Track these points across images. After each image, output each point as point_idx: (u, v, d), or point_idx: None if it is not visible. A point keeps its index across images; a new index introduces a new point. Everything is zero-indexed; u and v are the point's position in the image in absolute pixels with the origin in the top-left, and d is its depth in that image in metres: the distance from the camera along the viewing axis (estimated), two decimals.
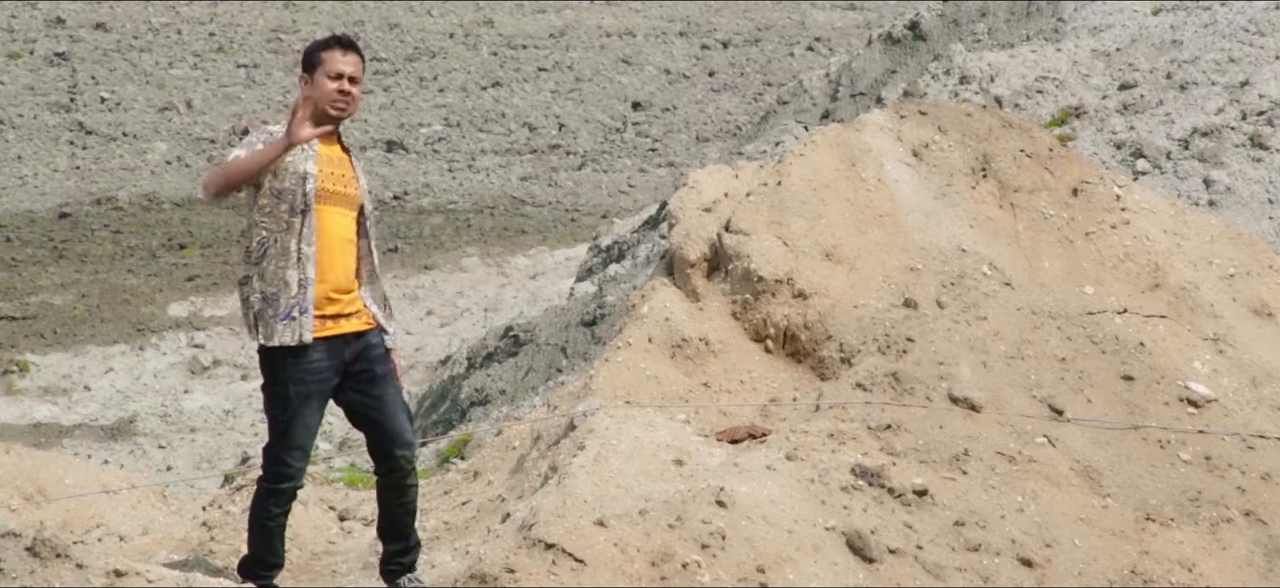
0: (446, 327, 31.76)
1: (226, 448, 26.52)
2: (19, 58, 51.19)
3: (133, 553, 11.32)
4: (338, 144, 8.81)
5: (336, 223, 8.70)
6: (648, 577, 8.90)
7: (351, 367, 8.75)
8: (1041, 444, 10.21)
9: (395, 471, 8.89)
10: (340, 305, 8.70)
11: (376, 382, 8.79)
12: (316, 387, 8.64)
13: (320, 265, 8.63)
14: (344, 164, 8.78)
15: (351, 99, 8.72)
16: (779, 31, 55.48)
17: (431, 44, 54.03)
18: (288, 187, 8.61)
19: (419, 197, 42.60)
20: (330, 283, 8.65)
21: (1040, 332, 10.97)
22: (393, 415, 8.82)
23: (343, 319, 8.72)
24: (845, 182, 11.55)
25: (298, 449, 8.66)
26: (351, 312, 8.73)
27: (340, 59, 8.70)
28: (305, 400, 8.62)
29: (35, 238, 38.65)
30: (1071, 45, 20.91)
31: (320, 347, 8.63)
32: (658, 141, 46.89)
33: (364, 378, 8.77)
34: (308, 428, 8.66)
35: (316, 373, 8.63)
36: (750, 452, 9.91)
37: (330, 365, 8.67)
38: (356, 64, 8.80)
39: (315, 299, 8.61)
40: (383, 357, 8.84)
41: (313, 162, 8.65)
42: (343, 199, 8.72)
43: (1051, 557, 9.53)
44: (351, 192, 8.78)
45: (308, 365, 8.61)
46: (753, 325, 11.08)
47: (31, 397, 28.99)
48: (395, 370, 8.93)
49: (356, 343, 8.75)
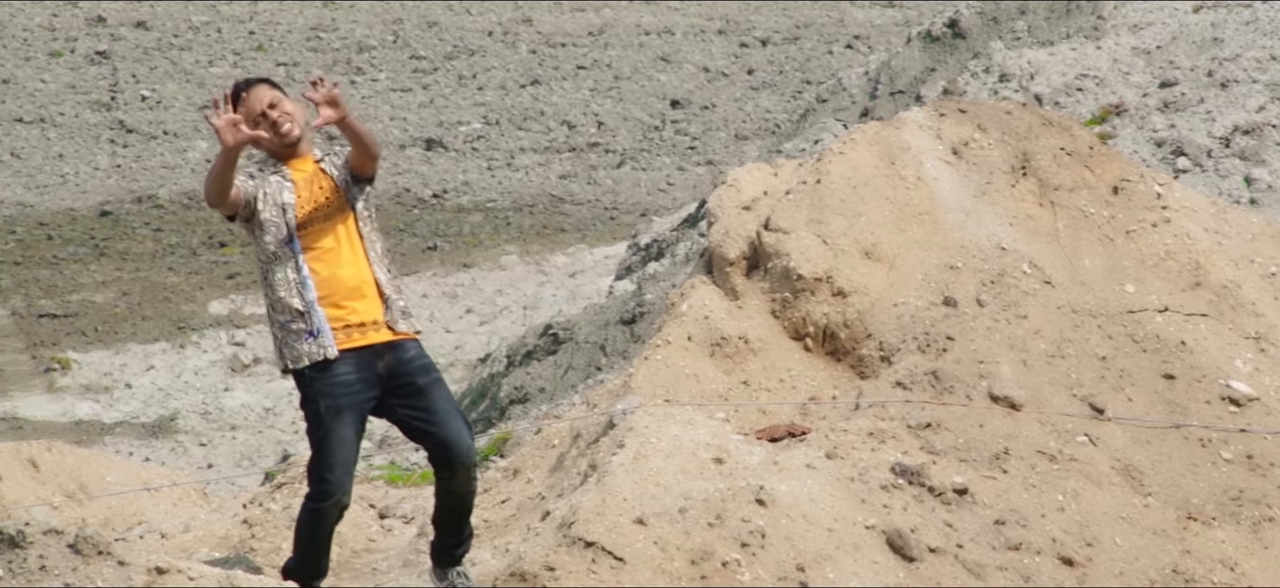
0: (486, 325, 31.79)
1: (267, 446, 26.60)
2: (60, 56, 51.40)
3: (174, 550, 11.37)
4: (309, 159, 8.82)
5: (329, 234, 8.69)
6: (687, 575, 8.90)
7: (391, 382, 8.69)
8: (1082, 443, 10.19)
9: (456, 478, 8.83)
10: (359, 313, 8.66)
11: (421, 393, 8.72)
12: (346, 400, 8.59)
13: (321, 282, 8.63)
14: (319, 177, 8.78)
15: (282, 118, 8.75)
16: (818, 29, 55.40)
17: (470, 42, 54.08)
18: (271, 218, 8.69)
19: (458, 195, 42.65)
20: (339, 293, 8.64)
21: (1081, 330, 10.94)
22: (445, 424, 8.74)
23: (370, 329, 8.68)
24: (884, 180, 11.53)
25: (336, 465, 8.59)
26: (372, 321, 8.69)
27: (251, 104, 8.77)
28: (336, 415, 8.58)
29: (76, 236, 38.79)
30: (1112, 43, 20.84)
31: (348, 360, 8.61)
32: (697, 140, 46.86)
33: (406, 391, 8.71)
34: (343, 441, 8.59)
35: (345, 386, 8.59)
36: (790, 450, 9.90)
37: (360, 378, 8.62)
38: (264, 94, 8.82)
39: (327, 315, 8.61)
40: (424, 367, 8.76)
41: (289, 191, 8.71)
42: (327, 210, 8.72)
43: (1092, 556, 9.51)
44: (333, 197, 8.75)
45: (335, 379, 8.58)
46: (792, 324, 11.07)
47: (73, 394, 29.11)
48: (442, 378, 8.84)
49: (390, 355, 8.69)
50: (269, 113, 8.75)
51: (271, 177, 8.76)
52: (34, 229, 39.38)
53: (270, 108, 8.76)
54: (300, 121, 8.80)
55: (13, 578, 7.75)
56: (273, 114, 8.75)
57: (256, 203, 8.72)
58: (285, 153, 8.78)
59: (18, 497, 12.52)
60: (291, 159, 8.79)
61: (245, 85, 8.84)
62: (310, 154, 8.84)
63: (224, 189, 8.64)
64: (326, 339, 8.60)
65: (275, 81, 8.97)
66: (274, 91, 8.83)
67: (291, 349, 8.65)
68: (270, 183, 8.74)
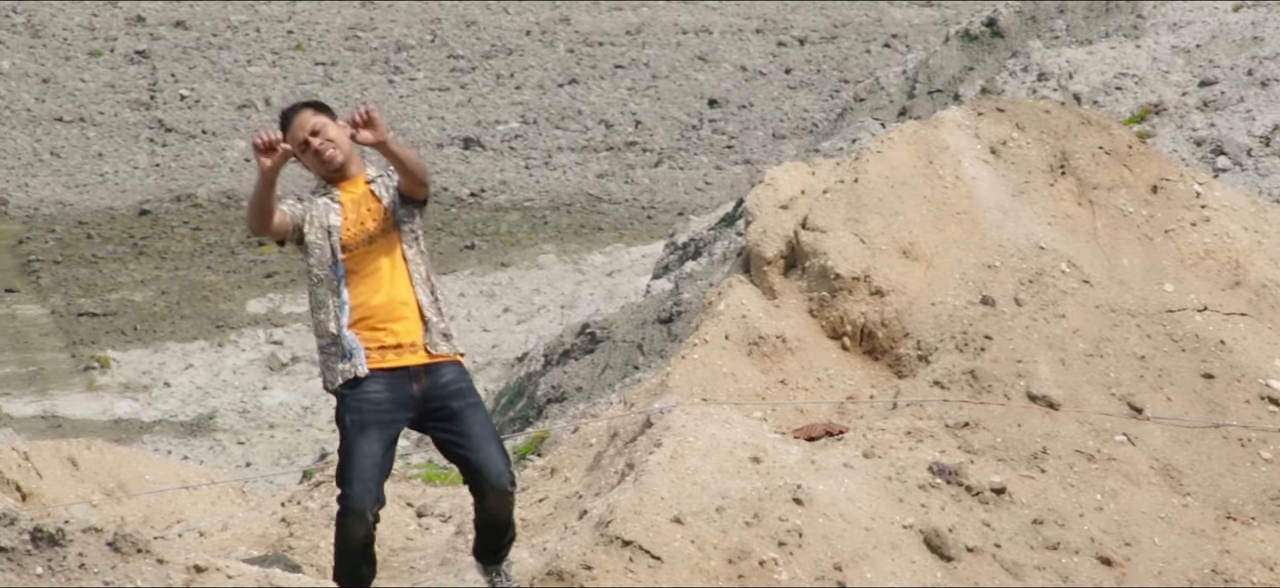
0: (523, 324, 31.83)
1: (305, 444, 26.67)
2: (100, 56, 51.57)
3: (212, 549, 11.40)
4: (361, 180, 8.81)
5: (373, 257, 8.68)
6: (725, 574, 8.90)
7: (426, 404, 8.66)
8: (1121, 442, 10.16)
9: (488, 500, 8.76)
10: (396, 335, 8.65)
11: (454, 417, 8.68)
12: (373, 417, 8.57)
13: (359, 305, 8.63)
14: (367, 199, 8.76)
15: (325, 146, 8.73)
16: (856, 28, 55.33)
17: (508, 41, 54.12)
18: (316, 241, 8.69)
19: (496, 194, 42.70)
20: (377, 316, 8.62)
21: (1119, 329, 10.91)
22: (479, 449, 8.68)
23: (406, 351, 8.67)
24: (922, 179, 11.51)
25: (357, 479, 8.54)
26: (409, 342, 8.69)
27: (296, 131, 8.74)
28: (361, 430, 8.56)
29: (116, 235, 38.93)
30: (1151, 42, 20.79)
31: (379, 379, 8.60)
32: (734, 139, 46.85)
33: (441, 415, 8.68)
34: (366, 456, 8.55)
35: (373, 403, 8.58)
36: (827, 449, 9.90)
37: (391, 398, 8.60)
38: (309, 120, 8.78)
39: (364, 336, 8.62)
40: (460, 391, 8.70)
41: (336, 213, 8.71)
42: (373, 233, 8.71)
43: (1131, 556, 9.49)
44: (381, 221, 8.73)
45: (363, 395, 8.57)
46: (830, 323, 11.05)
47: (112, 393, 29.22)
48: (479, 402, 8.80)
49: (426, 378, 8.65)
50: (311, 140, 8.75)
51: (320, 199, 8.78)
52: (73, 228, 39.54)
53: (313, 135, 8.75)
54: (344, 147, 8.77)
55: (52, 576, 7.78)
56: (314, 142, 8.74)
57: (304, 226, 8.74)
58: (334, 176, 8.79)
59: (57, 495, 12.57)
60: (342, 182, 8.80)
61: (292, 111, 8.85)
62: (362, 175, 8.84)
63: (264, 214, 8.64)
64: (359, 359, 8.60)
65: (323, 105, 8.94)
66: (319, 117, 8.81)
67: (330, 370, 8.69)
68: (318, 205, 8.75)
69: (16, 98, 48.16)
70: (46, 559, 7.83)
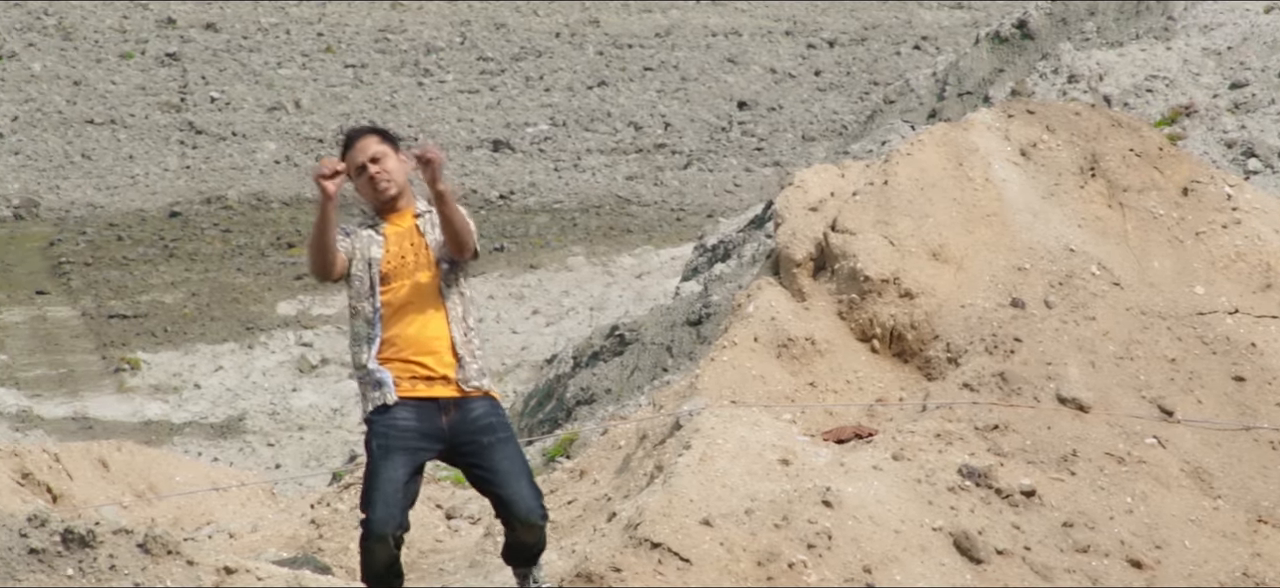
0: (552, 326, 31.84)
1: (334, 446, 26.71)
2: (130, 58, 51.71)
3: (242, 550, 11.43)
4: (408, 214, 8.81)
5: (409, 291, 8.68)
6: (754, 577, 8.89)
7: (455, 438, 8.65)
8: (1151, 445, 10.14)
9: (516, 532, 8.75)
10: (427, 367, 8.64)
11: (484, 452, 8.66)
12: (398, 442, 8.56)
13: (392, 337, 8.63)
14: (412, 234, 8.76)
15: (380, 176, 8.73)
16: (886, 30, 55.29)
17: (538, 43, 54.16)
18: (357, 272, 8.71)
19: (525, 196, 42.73)
20: (409, 349, 8.62)
21: (1150, 332, 10.89)
22: (508, 484, 8.66)
23: (437, 383, 8.66)
24: (952, 181, 11.50)
25: (380, 502, 8.51)
26: (440, 375, 8.68)
27: (356, 154, 8.76)
28: (386, 454, 8.56)
29: (146, 237, 39.04)
30: (1181, 44, 20.74)
31: (408, 407, 8.59)
32: (763, 141, 46.84)
33: (470, 450, 8.67)
34: (388, 481, 8.54)
35: (400, 430, 8.57)
36: (856, 452, 9.89)
37: (418, 428, 8.59)
38: (372, 145, 8.78)
39: (393, 369, 8.61)
40: (489, 426, 8.69)
41: (378, 246, 8.71)
42: (412, 267, 8.71)
43: (1161, 559, 9.46)
44: (422, 256, 8.73)
45: (390, 421, 8.56)
46: (859, 325, 11.05)
47: (142, 395, 29.30)
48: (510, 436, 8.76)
49: (455, 412, 8.64)
50: (370, 167, 8.75)
51: (363, 231, 8.78)
52: (104, 230, 39.66)
53: (372, 162, 8.76)
54: (399, 180, 8.76)
55: (83, 577, 7.80)
56: (372, 169, 8.74)
57: (351, 260, 8.74)
58: (383, 208, 8.79)
59: (88, 496, 12.61)
60: (389, 214, 8.80)
61: (357, 133, 8.86)
62: (411, 209, 8.85)
63: (327, 251, 8.64)
64: (388, 387, 8.60)
65: (388, 133, 8.94)
66: (381, 146, 8.81)
67: (364, 400, 8.71)
68: (361, 237, 8.76)
69: (48, 100, 48.32)
70: (77, 561, 7.85)
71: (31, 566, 7.75)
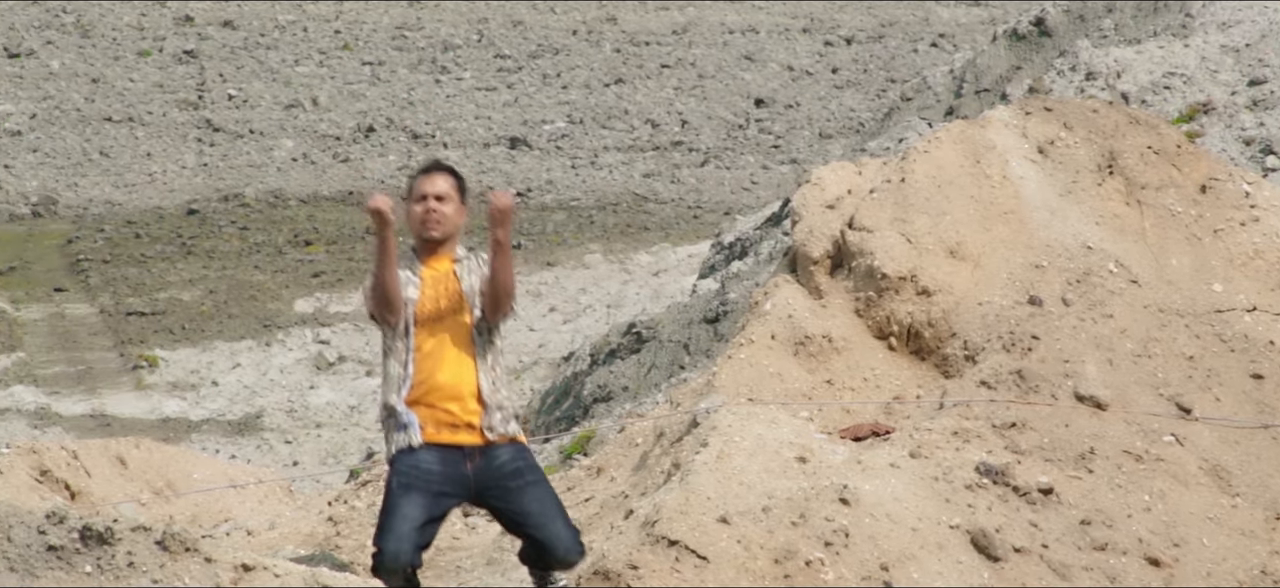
0: (569, 323, 31.87)
1: (352, 444, 26.74)
2: (148, 55, 51.80)
3: (260, 547, 11.44)
4: (447, 259, 8.78)
5: (442, 335, 8.64)
6: (771, 574, 8.89)
7: (481, 484, 8.57)
8: (1169, 443, 10.12)
9: (551, 572, 8.66)
10: (453, 414, 8.60)
11: (512, 496, 8.58)
12: (420, 481, 8.49)
13: (421, 381, 8.59)
14: (448, 279, 8.72)
15: (434, 215, 8.69)
16: (903, 28, 55.28)
17: (555, 41, 54.20)
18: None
19: (542, 193, 42.76)
20: (436, 394, 8.57)
21: (1167, 330, 10.87)
22: (543, 527, 8.57)
23: (462, 430, 8.61)
24: (969, 179, 11.49)
25: (392, 537, 8.43)
26: (465, 423, 8.63)
27: (425, 182, 8.74)
28: (405, 491, 8.50)
29: (164, 234, 39.11)
30: (1199, 41, 20.71)
31: (433, 451, 8.53)
32: (781, 138, 46.84)
33: (499, 496, 8.59)
34: (405, 518, 8.46)
35: (423, 471, 8.51)
36: (874, 449, 9.88)
37: (443, 472, 8.53)
38: (441, 183, 8.76)
39: (419, 413, 8.58)
40: (516, 471, 8.61)
41: (414, 287, 8.66)
42: (448, 310, 8.66)
43: (1179, 557, 9.45)
44: (456, 302, 8.68)
45: (413, 460, 8.51)
46: (876, 323, 11.04)
47: (160, 392, 29.35)
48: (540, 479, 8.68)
49: (480, 460, 8.58)
50: (430, 202, 8.72)
51: (401, 272, 8.75)
52: (122, 227, 39.74)
53: (436, 198, 8.73)
54: (450, 227, 8.73)
55: (101, 574, 7.81)
56: (430, 203, 8.71)
57: None
58: (425, 247, 8.78)
59: (106, 493, 12.63)
60: (428, 257, 8.78)
61: (435, 166, 8.84)
62: (450, 254, 8.80)
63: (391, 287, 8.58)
64: (413, 430, 8.55)
65: (460, 177, 8.90)
66: (450, 188, 8.76)
67: (388, 442, 8.69)
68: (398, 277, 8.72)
69: (66, 97, 48.41)
70: (95, 558, 7.86)
71: (50, 562, 7.77)
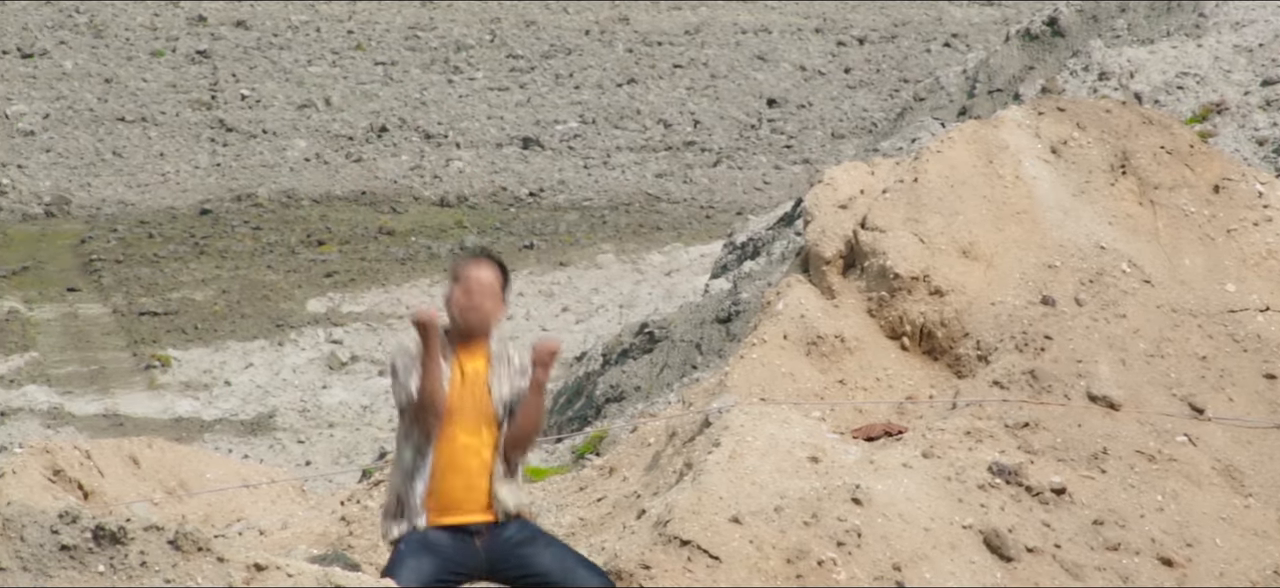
0: (582, 323, 31.87)
1: (364, 443, 26.75)
2: (161, 56, 51.86)
3: (272, 547, 11.44)
4: (481, 357, 8.68)
5: (462, 441, 8.55)
6: (783, 574, 8.88)
7: (492, 557, 8.50)
8: (1182, 443, 10.11)
9: None
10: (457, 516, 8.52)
11: (527, 560, 8.51)
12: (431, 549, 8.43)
13: (435, 483, 8.51)
14: (479, 379, 8.62)
15: (475, 309, 8.59)
16: (916, 28, 55.26)
17: (567, 41, 54.21)
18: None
19: (554, 193, 42.76)
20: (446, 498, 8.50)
21: (1180, 330, 10.86)
22: (568, 577, 8.49)
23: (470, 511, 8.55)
24: (982, 178, 11.48)
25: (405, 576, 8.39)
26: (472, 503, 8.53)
27: (471, 269, 8.64)
28: (416, 552, 8.42)
29: (177, 234, 39.15)
30: (1213, 41, 20.69)
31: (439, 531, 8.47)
32: (793, 138, 46.83)
33: (511, 563, 8.51)
34: (413, 570, 8.39)
35: (432, 543, 8.44)
36: (886, 449, 9.88)
37: (453, 545, 8.47)
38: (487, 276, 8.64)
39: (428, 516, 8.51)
40: (526, 539, 8.55)
41: (445, 379, 8.56)
42: (473, 415, 8.57)
43: (1192, 557, 9.44)
44: (484, 406, 8.60)
45: (421, 537, 8.46)
46: (889, 322, 11.03)
47: (173, 391, 29.37)
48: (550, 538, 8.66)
49: (488, 535, 8.52)
50: (472, 293, 8.60)
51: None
52: (135, 227, 39.78)
53: (479, 290, 8.59)
54: (487, 323, 8.62)
55: (114, 574, 7.81)
56: (473, 295, 8.59)
57: None
58: (459, 333, 8.69)
59: (119, 493, 12.62)
60: (463, 344, 8.66)
61: (483, 258, 8.73)
62: (485, 348, 8.69)
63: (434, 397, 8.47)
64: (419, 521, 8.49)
65: (506, 270, 8.78)
66: (494, 280, 8.65)
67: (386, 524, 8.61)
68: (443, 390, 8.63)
69: (79, 97, 48.47)
70: (108, 557, 7.86)
71: (63, 562, 7.77)
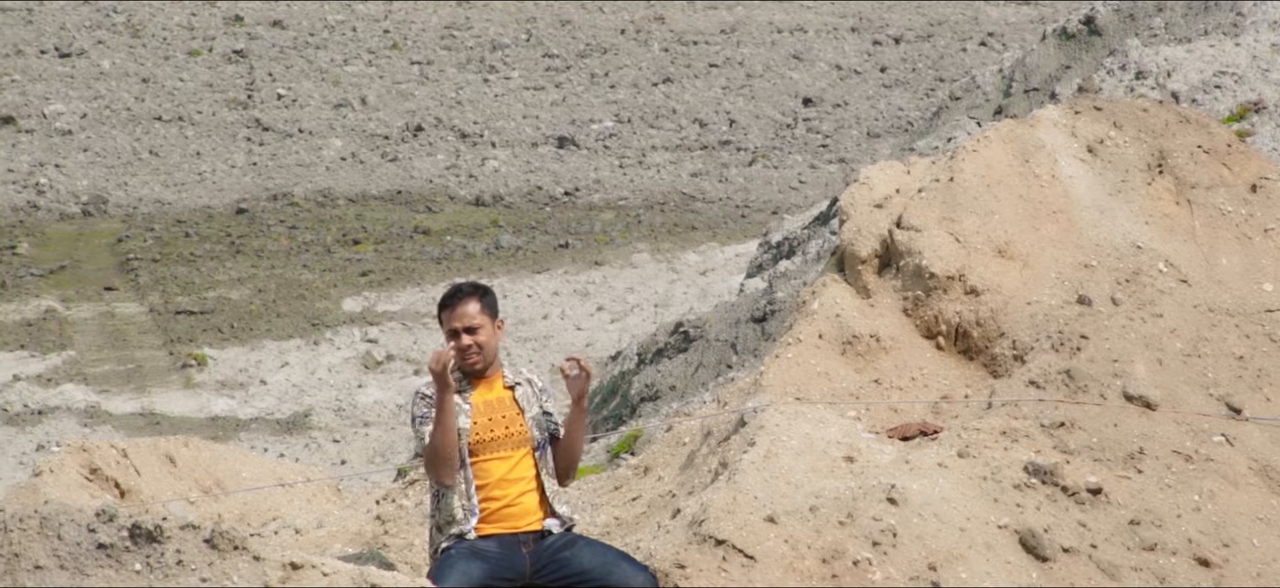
0: (617, 322, 31.87)
1: (399, 442, 26.78)
2: (198, 55, 52.00)
3: (308, 546, 11.47)
4: (498, 384, 8.75)
5: (500, 468, 8.63)
6: (818, 574, 8.87)
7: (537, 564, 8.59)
8: (1218, 443, 10.08)
9: None
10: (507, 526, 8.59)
11: (567, 562, 8.60)
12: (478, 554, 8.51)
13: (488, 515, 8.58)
14: (504, 405, 8.70)
15: (470, 351, 8.64)
16: (952, 27, 55.16)
17: (603, 40, 54.24)
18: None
19: (590, 192, 42.77)
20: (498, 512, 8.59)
21: (1217, 329, 10.83)
22: (609, 573, 8.57)
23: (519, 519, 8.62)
24: (1018, 178, 11.46)
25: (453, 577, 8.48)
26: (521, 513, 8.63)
27: (453, 318, 8.66)
28: (465, 557, 8.50)
29: (213, 233, 39.24)
30: (1250, 40, 20.61)
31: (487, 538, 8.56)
32: (829, 137, 46.77)
33: (553, 566, 8.60)
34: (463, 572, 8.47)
35: (481, 549, 8.52)
36: (921, 449, 9.86)
37: (500, 551, 8.56)
38: (466, 314, 8.67)
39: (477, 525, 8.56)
40: (567, 542, 8.63)
41: (465, 416, 8.61)
42: (505, 442, 8.65)
43: (1229, 557, 9.41)
44: (516, 430, 8.68)
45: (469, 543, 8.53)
46: (924, 322, 11.02)
47: (209, 390, 29.43)
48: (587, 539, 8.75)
49: (534, 543, 8.62)
50: (464, 337, 8.64)
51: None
52: (171, 226, 39.89)
53: (467, 332, 8.64)
54: (490, 353, 8.67)
55: (150, 573, 7.84)
56: (465, 340, 8.63)
57: None
58: (469, 377, 8.72)
59: (155, 492, 12.66)
60: (477, 381, 8.73)
61: (458, 296, 8.72)
62: (500, 379, 8.77)
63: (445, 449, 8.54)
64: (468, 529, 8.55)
65: (488, 296, 8.80)
66: (480, 315, 8.68)
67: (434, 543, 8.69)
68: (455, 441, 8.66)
69: (116, 97, 48.62)
70: (145, 556, 7.89)
71: (99, 560, 7.80)
